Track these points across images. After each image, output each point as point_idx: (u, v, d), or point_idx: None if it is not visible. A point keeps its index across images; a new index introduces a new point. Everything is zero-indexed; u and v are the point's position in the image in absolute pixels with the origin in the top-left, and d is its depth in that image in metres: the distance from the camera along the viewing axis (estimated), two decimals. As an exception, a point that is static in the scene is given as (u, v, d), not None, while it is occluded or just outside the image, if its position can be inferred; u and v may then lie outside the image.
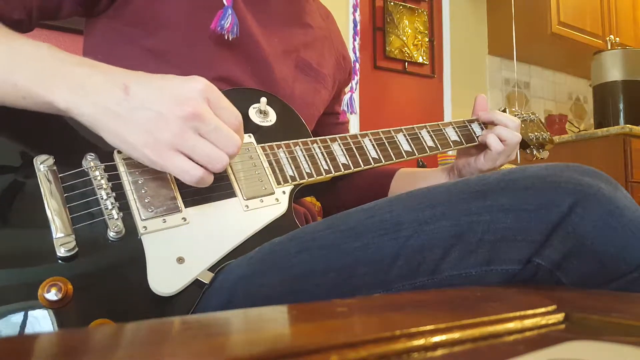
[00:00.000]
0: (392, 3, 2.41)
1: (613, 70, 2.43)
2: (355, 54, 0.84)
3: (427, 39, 2.52)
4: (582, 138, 2.31)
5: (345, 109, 0.85)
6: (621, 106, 2.40)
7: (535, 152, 0.91)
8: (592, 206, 0.41)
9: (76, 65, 0.47)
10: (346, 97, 0.86)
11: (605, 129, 2.24)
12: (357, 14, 0.83)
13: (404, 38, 2.44)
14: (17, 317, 0.43)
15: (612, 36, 2.69)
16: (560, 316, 0.30)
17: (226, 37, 0.64)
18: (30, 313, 0.43)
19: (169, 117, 0.45)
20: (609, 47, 2.60)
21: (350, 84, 0.90)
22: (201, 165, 0.47)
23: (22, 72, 0.46)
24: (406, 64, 2.45)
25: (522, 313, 0.29)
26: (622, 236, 0.41)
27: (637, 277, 0.41)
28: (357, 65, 0.85)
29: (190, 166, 0.46)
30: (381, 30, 2.38)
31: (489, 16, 2.79)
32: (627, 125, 2.19)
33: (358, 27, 0.83)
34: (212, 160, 0.47)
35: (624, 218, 0.41)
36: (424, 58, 2.50)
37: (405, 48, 2.44)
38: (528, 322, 0.28)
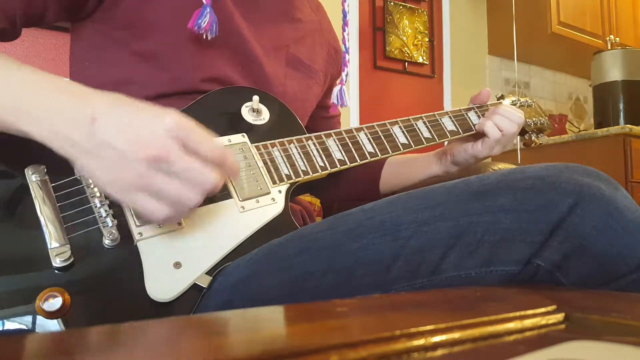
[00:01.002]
0: (392, 3, 2.40)
1: (613, 70, 2.43)
2: (345, 44, 0.83)
3: (427, 39, 2.52)
4: (582, 138, 2.31)
5: (335, 101, 0.84)
6: (621, 106, 2.39)
7: (533, 137, 0.91)
8: (591, 206, 0.41)
9: (48, 92, 0.45)
10: (336, 90, 0.84)
11: (605, 129, 2.24)
12: (347, 4, 0.82)
13: (404, 38, 2.44)
14: (15, 328, 0.42)
15: (612, 36, 2.69)
16: (560, 316, 0.30)
17: (204, 37, 0.63)
18: (28, 324, 0.43)
19: (132, 158, 0.42)
20: (609, 47, 2.60)
21: (340, 76, 0.90)
22: (171, 204, 0.44)
23: None
24: (406, 64, 2.44)
25: (522, 313, 0.29)
26: (622, 237, 0.41)
27: (637, 278, 0.41)
28: (347, 57, 0.84)
29: (154, 207, 0.44)
30: (381, 30, 2.38)
31: (489, 16, 2.79)
32: (627, 125, 2.19)
33: (347, 18, 0.82)
34: (180, 202, 0.44)
35: (623, 218, 0.41)
36: (424, 58, 2.50)
37: (405, 48, 2.44)
38: (528, 322, 0.28)
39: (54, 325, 0.43)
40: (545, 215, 0.42)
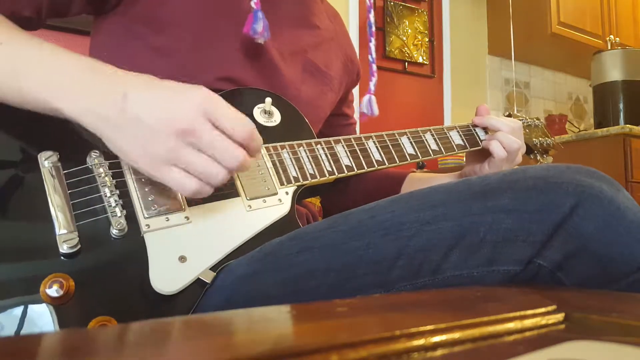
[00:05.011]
0: (392, 3, 2.41)
1: (613, 70, 2.43)
2: (371, 55, 0.84)
3: (427, 39, 2.52)
4: (582, 138, 2.31)
5: (365, 110, 0.85)
6: (621, 106, 2.40)
7: (539, 157, 0.92)
8: (593, 207, 0.41)
9: (80, 71, 0.46)
10: (365, 99, 0.84)
11: (605, 129, 2.24)
12: (372, 15, 0.83)
13: (404, 38, 2.44)
14: (19, 313, 0.43)
15: (612, 36, 2.69)
16: (560, 316, 0.30)
17: (258, 41, 0.64)
18: (32, 309, 0.43)
19: (162, 132, 0.44)
20: (609, 47, 2.60)
21: (367, 85, 0.90)
22: (199, 178, 0.46)
23: (26, 77, 0.46)
24: (406, 64, 2.44)
25: (522, 313, 0.29)
26: (624, 237, 0.41)
27: (637, 278, 0.41)
28: (374, 67, 0.84)
29: (185, 180, 0.45)
30: (381, 30, 2.38)
31: (489, 16, 2.79)
32: (627, 125, 2.19)
33: (373, 29, 0.83)
34: (208, 175, 0.46)
35: (625, 219, 0.41)
36: (424, 58, 2.50)
37: (405, 48, 2.44)
38: (528, 322, 0.28)
39: (56, 312, 0.43)
40: (547, 215, 0.42)
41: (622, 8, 2.83)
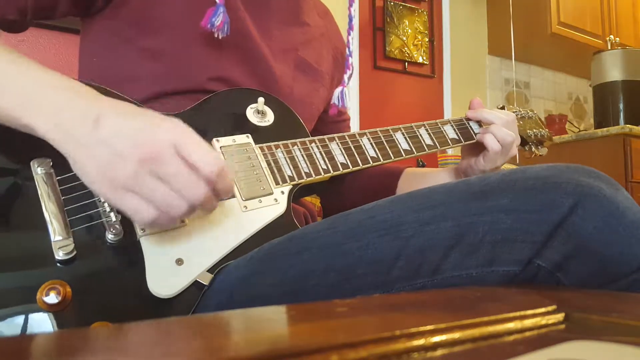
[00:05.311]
0: (392, 3, 2.40)
1: (613, 70, 2.44)
2: (349, 48, 0.84)
3: (427, 39, 2.52)
4: (582, 138, 2.31)
5: (336, 102, 0.84)
6: (621, 106, 2.40)
7: (534, 148, 0.91)
8: (592, 207, 0.41)
9: (56, 89, 0.46)
10: (337, 91, 0.83)
11: (605, 129, 2.24)
12: (353, 9, 0.82)
13: (404, 38, 2.44)
14: (16, 321, 0.43)
15: (612, 36, 2.69)
16: (560, 316, 0.30)
17: (216, 35, 0.63)
18: (29, 316, 0.43)
19: (127, 157, 0.43)
20: (609, 47, 2.60)
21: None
22: (159, 208, 0.44)
23: (3, 94, 0.45)
24: (406, 64, 2.44)
25: (522, 313, 0.29)
26: (623, 237, 0.41)
27: (637, 278, 0.41)
28: (351, 60, 0.84)
29: (143, 207, 0.44)
30: (381, 30, 2.38)
31: (489, 16, 2.79)
32: (627, 125, 2.19)
33: (353, 22, 0.82)
34: (169, 206, 0.44)
35: (625, 219, 0.41)
36: (424, 58, 2.50)
37: (405, 48, 2.44)
38: (528, 322, 0.28)
39: (54, 319, 0.43)
40: (547, 215, 0.42)
41: (622, 8, 2.83)
